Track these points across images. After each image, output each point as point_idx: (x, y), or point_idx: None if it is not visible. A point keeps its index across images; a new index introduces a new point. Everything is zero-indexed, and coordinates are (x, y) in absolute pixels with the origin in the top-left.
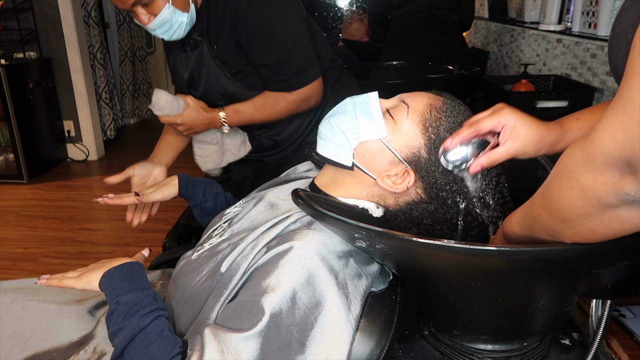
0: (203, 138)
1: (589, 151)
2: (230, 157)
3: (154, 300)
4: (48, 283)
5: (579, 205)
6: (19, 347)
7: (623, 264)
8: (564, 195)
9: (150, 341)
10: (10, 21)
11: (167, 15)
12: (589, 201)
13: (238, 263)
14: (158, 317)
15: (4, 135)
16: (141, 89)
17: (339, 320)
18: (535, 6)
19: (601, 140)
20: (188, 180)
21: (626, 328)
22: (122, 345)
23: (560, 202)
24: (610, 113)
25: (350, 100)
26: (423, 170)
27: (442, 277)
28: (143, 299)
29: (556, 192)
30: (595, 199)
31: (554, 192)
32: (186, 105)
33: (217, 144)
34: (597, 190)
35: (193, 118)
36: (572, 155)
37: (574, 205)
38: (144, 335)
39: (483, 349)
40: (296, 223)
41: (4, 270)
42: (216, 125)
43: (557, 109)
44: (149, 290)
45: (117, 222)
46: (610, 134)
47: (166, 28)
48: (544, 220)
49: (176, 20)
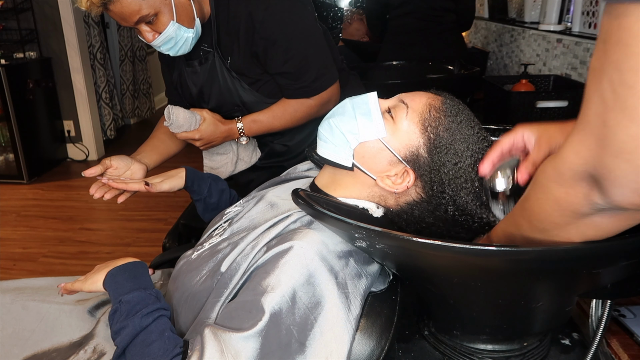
0: (216, 150)
1: (558, 167)
2: (243, 165)
3: (156, 300)
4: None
5: (556, 216)
6: (19, 347)
7: (623, 264)
8: (541, 207)
9: (152, 341)
10: (10, 21)
11: (172, 32)
12: (564, 212)
13: (238, 263)
14: (160, 317)
15: (4, 135)
16: (141, 89)
17: (339, 320)
18: (535, 6)
19: (568, 157)
20: (195, 174)
21: (626, 328)
22: (124, 345)
23: (539, 213)
24: (575, 132)
25: (349, 100)
26: (422, 170)
27: (442, 277)
28: (145, 298)
29: (534, 204)
30: (570, 209)
31: (532, 204)
32: (202, 119)
33: (231, 154)
34: (571, 202)
35: (211, 132)
36: (544, 171)
37: (551, 216)
38: (145, 334)
39: (483, 349)
40: (296, 223)
41: (4, 270)
42: (234, 137)
43: (557, 109)
44: (151, 290)
45: (117, 222)
46: (574, 151)
47: (171, 45)
48: (524, 230)
49: (181, 36)
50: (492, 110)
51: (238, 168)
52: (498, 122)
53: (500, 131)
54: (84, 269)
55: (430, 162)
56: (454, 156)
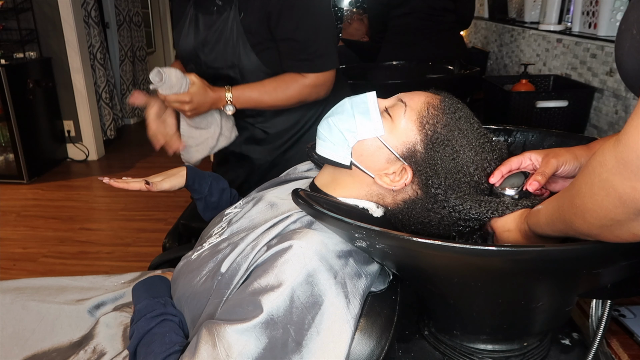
0: (198, 124)
1: (622, 156)
2: (224, 141)
3: (162, 306)
4: None
5: (618, 213)
6: (19, 347)
7: (623, 264)
8: (599, 204)
9: (153, 341)
10: (10, 21)
11: None
12: (628, 209)
13: (239, 263)
14: (163, 321)
15: (4, 135)
16: (141, 89)
17: (337, 320)
18: (535, 6)
19: (635, 143)
20: (195, 173)
21: (626, 328)
22: (133, 347)
23: (595, 210)
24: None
25: (348, 100)
26: (419, 165)
27: (442, 277)
28: (152, 305)
29: (589, 200)
30: (636, 207)
31: (586, 201)
32: (191, 82)
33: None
34: (637, 199)
35: (201, 97)
36: (604, 162)
37: (611, 213)
38: (149, 336)
39: (483, 349)
40: (296, 223)
41: (4, 270)
42: (219, 105)
43: (557, 109)
44: (161, 298)
45: (117, 222)
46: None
47: None
48: (578, 227)
49: None
50: (492, 110)
51: (219, 144)
52: (498, 122)
53: (500, 131)
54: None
55: (427, 158)
56: (452, 151)
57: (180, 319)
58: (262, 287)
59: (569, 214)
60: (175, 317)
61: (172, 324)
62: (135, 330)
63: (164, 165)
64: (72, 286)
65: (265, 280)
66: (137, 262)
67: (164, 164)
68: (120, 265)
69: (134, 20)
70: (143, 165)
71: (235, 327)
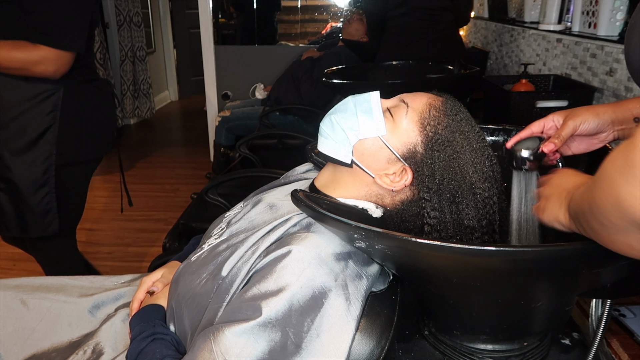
0: None
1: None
2: None
3: (152, 327)
4: None
5: (614, 216)
6: (19, 347)
7: (623, 264)
8: (601, 199)
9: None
10: None
11: None
12: (623, 216)
13: (239, 268)
14: (154, 340)
15: None
16: (141, 89)
17: (337, 322)
18: (535, 6)
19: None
20: (185, 255)
21: (626, 328)
22: None
23: (598, 204)
24: None
25: (351, 98)
26: (419, 166)
27: (442, 277)
28: (144, 328)
29: (597, 192)
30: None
31: (595, 191)
32: None
33: None
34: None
35: None
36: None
37: (609, 213)
38: (142, 355)
39: (483, 349)
40: (295, 226)
41: (4, 270)
42: None
43: (557, 109)
44: (153, 321)
45: (117, 222)
46: None
47: None
48: (585, 214)
49: None
50: (492, 110)
51: None
52: (498, 121)
53: (500, 131)
54: None
55: (427, 158)
56: (452, 151)
57: (172, 337)
58: (262, 292)
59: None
60: (166, 336)
61: (164, 342)
62: (128, 353)
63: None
64: (72, 285)
65: (264, 286)
66: (137, 262)
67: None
68: (120, 265)
69: (134, 21)
70: (143, 165)
71: (233, 329)
